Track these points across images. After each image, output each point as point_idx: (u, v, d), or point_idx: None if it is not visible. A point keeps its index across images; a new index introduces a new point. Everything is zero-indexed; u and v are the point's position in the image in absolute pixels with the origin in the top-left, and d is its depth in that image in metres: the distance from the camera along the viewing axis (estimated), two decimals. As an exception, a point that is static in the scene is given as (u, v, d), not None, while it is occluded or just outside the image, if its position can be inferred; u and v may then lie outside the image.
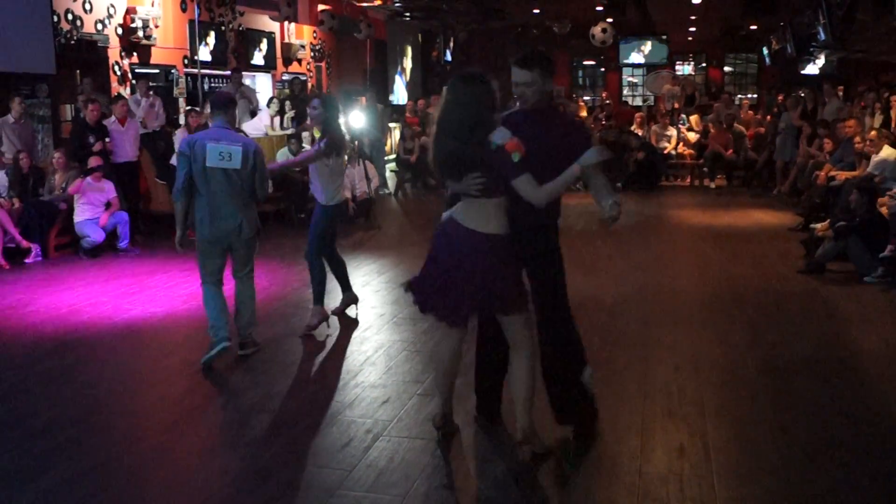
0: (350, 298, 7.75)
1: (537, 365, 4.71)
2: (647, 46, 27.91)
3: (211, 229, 6.39)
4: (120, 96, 12.98)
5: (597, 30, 20.83)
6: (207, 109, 11.79)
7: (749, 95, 27.40)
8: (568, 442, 4.88)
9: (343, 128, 7.44)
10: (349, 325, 7.44)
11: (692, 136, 18.28)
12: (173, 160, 11.98)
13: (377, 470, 4.56)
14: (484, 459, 4.69)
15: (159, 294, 8.68)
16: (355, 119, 13.96)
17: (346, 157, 7.67)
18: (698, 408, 5.37)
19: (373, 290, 8.65)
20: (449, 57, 25.69)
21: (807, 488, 4.33)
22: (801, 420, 5.20)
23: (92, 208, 10.96)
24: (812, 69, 23.29)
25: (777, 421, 5.18)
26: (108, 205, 11.09)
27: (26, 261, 10.49)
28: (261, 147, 6.62)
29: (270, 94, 17.42)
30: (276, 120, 15.31)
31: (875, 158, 11.33)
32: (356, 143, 13.85)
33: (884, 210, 9.11)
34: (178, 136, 11.93)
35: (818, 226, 9.85)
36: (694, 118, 19.39)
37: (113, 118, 11.98)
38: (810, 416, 5.26)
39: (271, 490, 4.38)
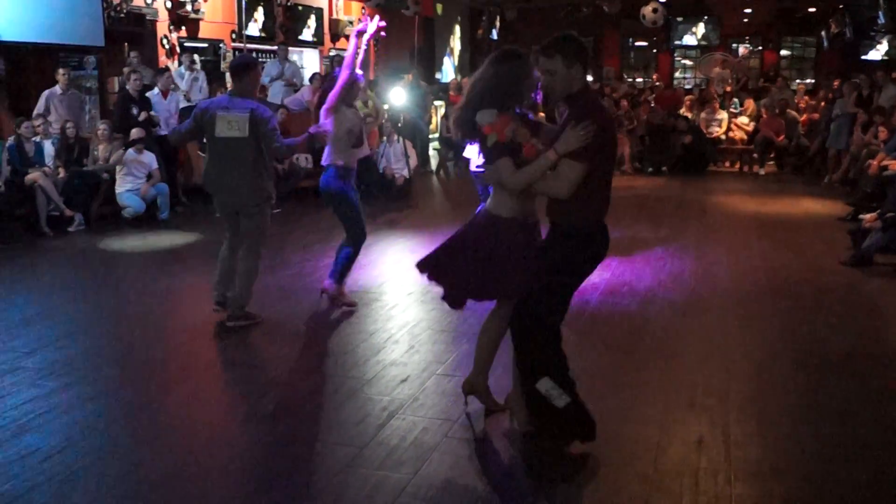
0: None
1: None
2: (700, 28, 27.46)
3: (216, 196, 6.64)
4: (167, 69, 13.03)
5: (647, 10, 20.50)
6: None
7: (807, 80, 26.86)
8: None
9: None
10: (376, 302, 7.40)
11: (744, 121, 17.95)
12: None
13: (389, 448, 4.52)
14: (496, 444, 4.62)
15: (192, 266, 8.72)
16: (396, 96, 13.90)
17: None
18: (722, 400, 5.24)
19: (404, 269, 8.60)
20: (495, 35, 25.46)
21: (827, 490, 4.18)
22: (828, 419, 5.03)
23: (133, 179, 11.07)
24: (875, 54, 22.82)
25: (803, 418, 5.03)
26: (149, 176, 11.18)
27: (69, 229, 10.64)
28: (268, 113, 6.54)
29: (316, 70, 17.39)
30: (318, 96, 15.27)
31: (930, 148, 11.04)
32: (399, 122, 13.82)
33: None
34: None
35: (866, 216, 9.58)
36: (748, 102, 19.01)
37: (156, 90, 12.04)
38: (839, 415, 5.09)
39: (281, 465, 4.36)
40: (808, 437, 4.75)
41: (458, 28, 25.77)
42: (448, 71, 24.71)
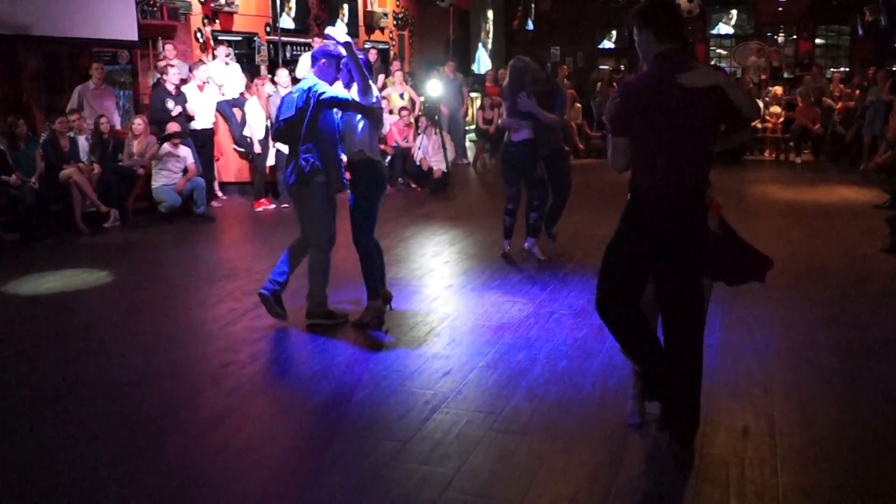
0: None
1: None
2: (734, 16, 27.19)
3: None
4: (201, 62, 13.08)
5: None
6: (278, 77, 11.86)
7: (841, 69, 26.56)
8: None
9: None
10: (417, 294, 7.40)
11: (776, 109, 17.79)
12: (246, 130, 12.13)
13: (433, 442, 4.52)
14: (539, 435, 4.60)
15: (230, 261, 8.76)
16: (433, 88, 13.89)
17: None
18: (765, 389, 5.21)
19: (443, 261, 8.61)
20: (531, 26, 25.36)
21: (876, 478, 4.16)
22: (873, 406, 5.00)
23: (169, 174, 11.11)
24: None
25: (848, 406, 4.99)
26: (185, 170, 11.22)
27: (105, 225, 10.70)
28: (319, 89, 6.29)
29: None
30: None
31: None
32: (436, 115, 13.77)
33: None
34: (249, 106, 12.00)
35: (905, 204, 9.51)
36: (778, 89, 18.82)
37: (192, 84, 12.09)
38: (884, 402, 5.05)
39: (326, 460, 4.37)
40: (852, 425, 4.72)
41: (490, 14, 25.60)
42: (483, 62, 24.54)
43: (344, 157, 6.68)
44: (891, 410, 4.94)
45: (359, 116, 6.39)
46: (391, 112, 14.08)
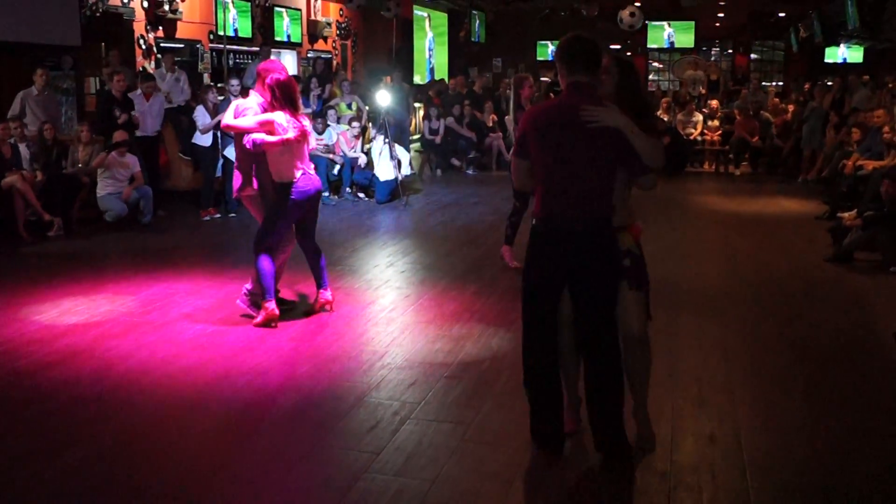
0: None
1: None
2: (675, 31, 27.63)
3: None
4: (148, 74, 12.83)
5: (625, 13, 20.62)
6: (231, 85, 11.71)
7: (774, 83, 27.14)
8: None
9: None
10: (373, 305, 7.38)
11: (714, 123, 18.08)
12: (196, 137, 11.93)
13: (405, 453, 4.51)
14: (513, 445, 4.62)
15: (181, 270, 8.62)
16: (381, 98, 13.86)
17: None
18: (728, 395, 5.31)
19: (398, 271, 8.59)
20: (478, 38, 25.49)
21: (840, 478, 4.28)
22: (832, 409, 5.16)
23: (115, 182, 10.91)
24: (836, 57, 23.21)
25: (808, 409, 5.14)
26: (131, 179, 11.04)
27: (48, 234, 10.43)
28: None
29: (293, 72, 17.30)
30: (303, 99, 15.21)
31: (904, 148, 11.20)
32: (384, 121, 13.69)
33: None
34: (199, 114, 11.83)
35: (846, 215, 9.73)
36: (714, 103, 19.15)
37: (139, 91, 11.91)
38: (841, 405, 5.22)
39: (297, 473, 4.33)
40: (814, 428, 4.88)
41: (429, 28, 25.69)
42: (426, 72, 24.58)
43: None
44: (848, 413, 5.11)
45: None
46: (339, 122, 14.03)
